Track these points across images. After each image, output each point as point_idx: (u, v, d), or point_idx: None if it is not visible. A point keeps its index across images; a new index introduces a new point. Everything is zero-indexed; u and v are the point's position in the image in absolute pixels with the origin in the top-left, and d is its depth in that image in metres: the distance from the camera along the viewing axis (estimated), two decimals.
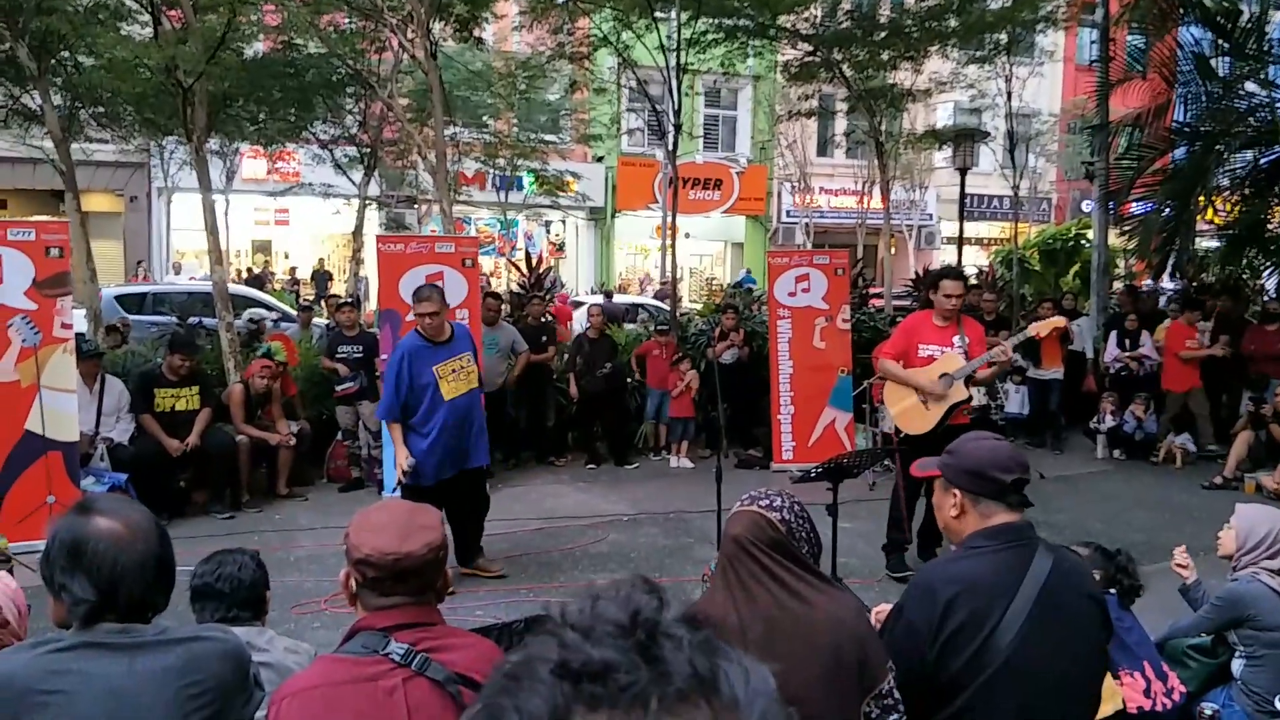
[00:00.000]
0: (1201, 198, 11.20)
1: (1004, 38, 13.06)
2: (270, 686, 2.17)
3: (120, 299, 13.68)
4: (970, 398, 5.97)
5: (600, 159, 22.98)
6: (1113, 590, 3.53)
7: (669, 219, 13.12)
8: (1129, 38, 12.30)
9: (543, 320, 9.93)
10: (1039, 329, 6.20)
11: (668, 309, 11.94)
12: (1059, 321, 6.67)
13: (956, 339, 5.91)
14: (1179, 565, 3.94)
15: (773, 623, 2.06)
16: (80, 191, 10.60)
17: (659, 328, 10.26)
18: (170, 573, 2.02)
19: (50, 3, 8.87)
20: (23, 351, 6.52)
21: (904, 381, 5.94)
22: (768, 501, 2.20)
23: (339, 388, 8.51)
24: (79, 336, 7.42)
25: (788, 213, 25.67)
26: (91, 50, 10.12)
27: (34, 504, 6.28)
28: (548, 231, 25.54)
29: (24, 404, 6.50)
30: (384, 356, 7.97)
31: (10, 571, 3.83)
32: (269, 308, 13.99)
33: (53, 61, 10.04)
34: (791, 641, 2.03)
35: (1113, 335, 10.76)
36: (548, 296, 12.90)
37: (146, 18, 9.18)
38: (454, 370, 5.68)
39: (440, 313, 5.62)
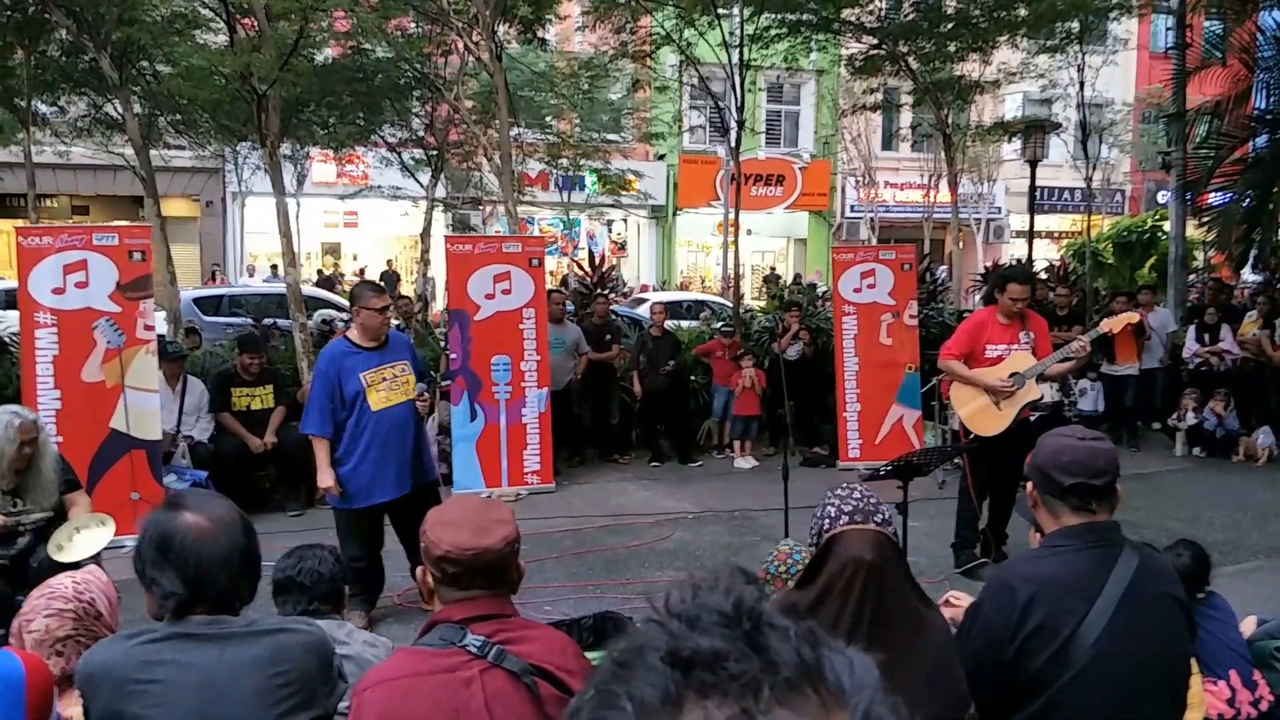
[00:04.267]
0: None
1: (1075, 26, 12.77)
2: (351, 679, 2.24)
3: (197, 301, 14.11)
4: (1042, 395, 5.87)
5: (662, 157, 23.01)
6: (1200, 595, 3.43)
7: (731, 216, 13.08)
8: (1206, 23, 11.96)
9: (606, 319, 9.98)
10: (1111, 325, 6.06)
11: (731, 305, 11.92)
12: (1132, 317, 6.52)
13: (1022, 335, 5.82)
14: None
15: (896, 640, 2.04)
16: (159, 197, 10.93)
17: (723, 327, 10.24)
18: (255, 565, 2.09)
19: (131, 14, 9.17)
20: (107, 353, 6.74)
21: (972, 382, 5.85)
22: (881, 517, 2.13)
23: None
24: (162, 338, 7.67)
25: (852, 208, 25.41)
26: (169, 59, 10.47)
27: (119, 500, 6.48)
28: (609, 230, 25.64)
29: (109, 404, 6.72)
30: (453, 355, 8.11)
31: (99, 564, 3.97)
32: (339, 308, 14.27)
33: (133, 71, 10.39)
34: (905, 651, 2.03)
35: (1191, 329, 10.46)
36: (611, 295, 12.97)
37: (222, 26, 9.43)
38: (385, 379, 5.09)
39: (390, 308, 5.21)
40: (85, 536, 3.98)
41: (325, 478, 5.05)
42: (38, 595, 2.45)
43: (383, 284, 21.93)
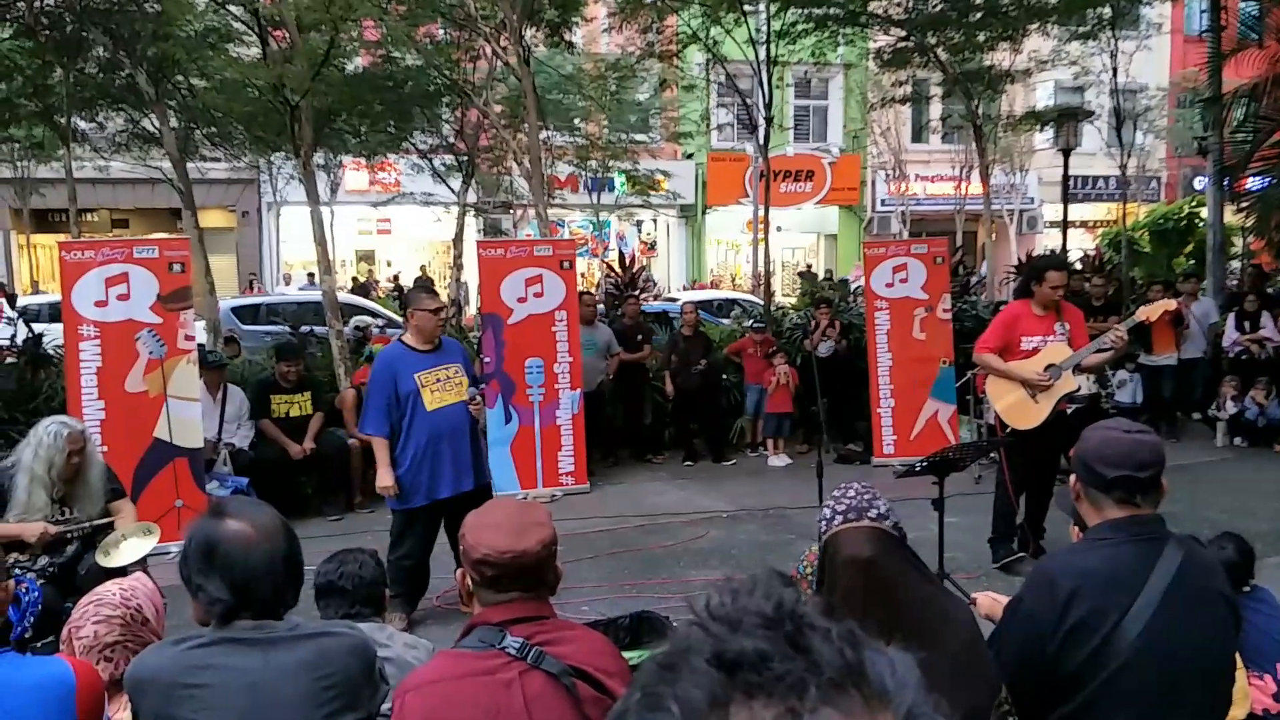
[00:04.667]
0: None
1: (1108, 11, 12.61)
2: (392, 681, 2.27)
3: (235, 310, 14.32)
4: (1079, 387, 5.81)
5: (690, 156, 22.99)
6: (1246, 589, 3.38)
7: (761, 213, 13.06)
8: (1242, 4, 11.75)
9: (638, 319, 10.00)
10: (1149, 313, 5.98)
11: (761, 303, 11.88)
12: (1169, 304, 6.40)
13: (1058, 326, 5.77)
14: None
15: (913, 631, 2.05)
16: (196, 208, 11.11)
17: (754, 325, 10.22)
18: (298, 570, 2.13)
19: (166, 30, 9.33)
20: (150, 363, 6.87)
21: (1008, 376, 5.80)
22: (876, 512, 2.14)
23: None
24: (202, 348, 7.79)
25: (883, 201, 25.23)
26: (204, 73, 10.62)
27: (163, 508, 6.61)
28: (639, 231, 25.65)
29: (153, 413, 6.85)
30: (487, 359, 8.18)
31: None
32: (375, 315, 14.42)
33: (169, 86, 10.56)
34: (925, 641, 2.04)
35: (1231, 317, 10.29)
36: (642, 295, 12.99)
37: (254, 39, 9.57)
38: (439, 380, 5.23)
39: (444, 310, 5.35)
40: (131, 544, 4.07)
41: (385, 476, 5.17)
42: (86, 603, 2.51)
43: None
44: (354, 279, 22.97)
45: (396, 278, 23.85)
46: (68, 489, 4.60)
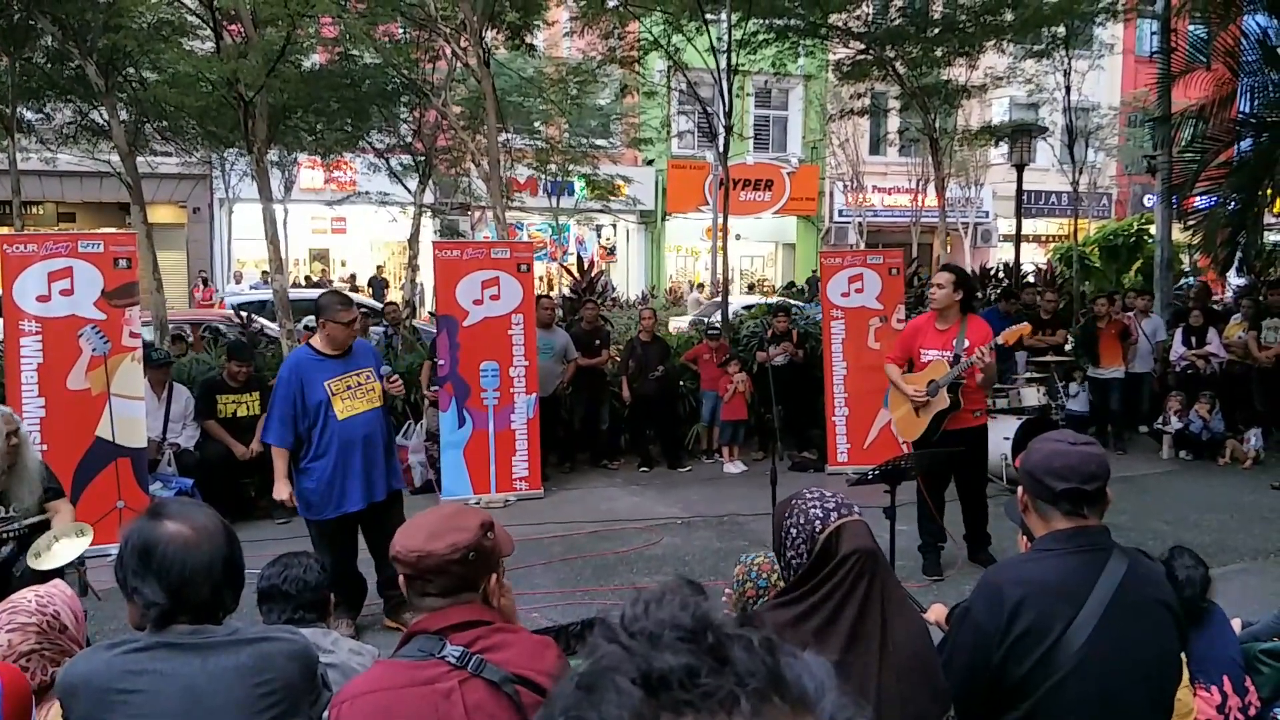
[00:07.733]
0: (1269, 190, 10.90)
1: (1061, 31, 12.85)
2: (335, 687, 2.22)
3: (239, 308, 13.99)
4: (958, 404, 5.76)
5: (650, 162, 23.03)
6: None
7: (720, 221, 13.10)
8: (1191, 28, 12.01)
9: (597, 324, 9.96)
10: (1007, 337, 5.94)
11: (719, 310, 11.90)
12: (1024, 328, 6.47)
13: (955, 341, 5.78)
14: None
15: (902, 624, 2.07)
16: (145, 204, 10.88)
17: (709, 330, 10.23)
18: (239, 574, 2.07)
19: (117, 20, 9.14)
20: (93, 360, 6.70)
21: (898, 388, 6.03)
22: (858, 508, 2.18)
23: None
24: (149, 345, 7.62)
25: (840, 212, 25.48)
26: (156, 66, 10.43)
27: (105, 509, 6.45)
28: (599, 236, 25.63)
29: (95, 411, 6.68)
30: (441, 361, 8.09)
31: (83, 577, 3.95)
32: None
33: (119, 78, 10.35)
34: (908, 635, 2.07)
35: (1179, 333, 10.50)
36: (600, 300, 12.97)
37: (208, 33, 9.41)
38: (349, 386, 5.01)
39: (357, 321, 5.15)
40: (64, 545, 3.96)
41: (281, 489, 4.98)
42: None
43: (366, 288, 21.80)
44: (306, 278, 22.68)
45: (353, 278, 23.61)
46: (3, 481, 4.46)
